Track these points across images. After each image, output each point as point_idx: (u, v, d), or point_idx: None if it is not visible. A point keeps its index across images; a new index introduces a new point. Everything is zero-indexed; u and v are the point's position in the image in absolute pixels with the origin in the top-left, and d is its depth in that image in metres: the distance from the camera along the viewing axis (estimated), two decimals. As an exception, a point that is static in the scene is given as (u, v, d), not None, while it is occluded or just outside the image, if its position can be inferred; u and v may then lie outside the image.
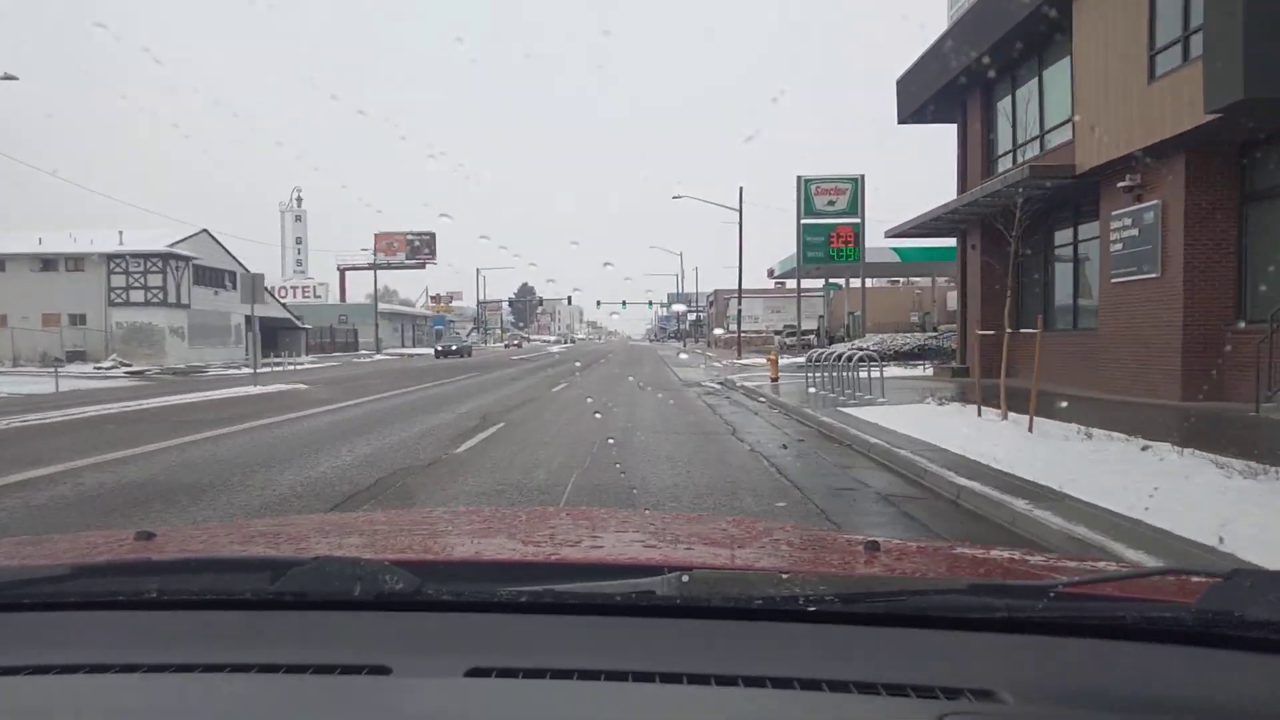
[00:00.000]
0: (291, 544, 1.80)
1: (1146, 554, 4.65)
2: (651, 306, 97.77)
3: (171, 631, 1.18)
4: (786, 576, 1.25)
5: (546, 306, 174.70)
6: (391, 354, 62.04)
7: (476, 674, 1.03)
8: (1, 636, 1.20)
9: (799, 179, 39.26)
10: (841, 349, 18.29)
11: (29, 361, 37.93)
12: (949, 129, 22.18)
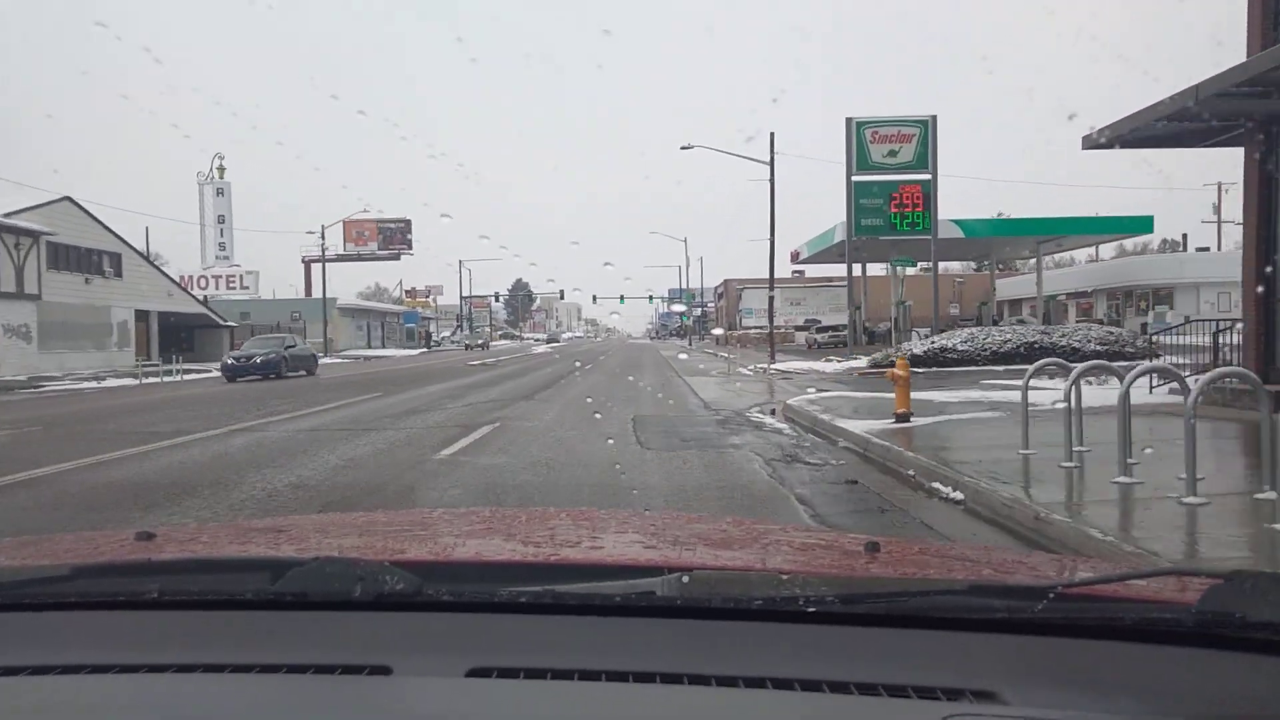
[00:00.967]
0: (292, 544, 1.77)
1: None
2: (652, 301, 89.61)
3: (172, 632, 1.17)
4: (787, 577, 1.24)
5: (542, 304, 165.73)
6: (348, 357, 52.53)
7: (477, 674, 1.03)
8: (1, 637, 1.19)
9: (849, 121, 29.50)
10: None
11: None
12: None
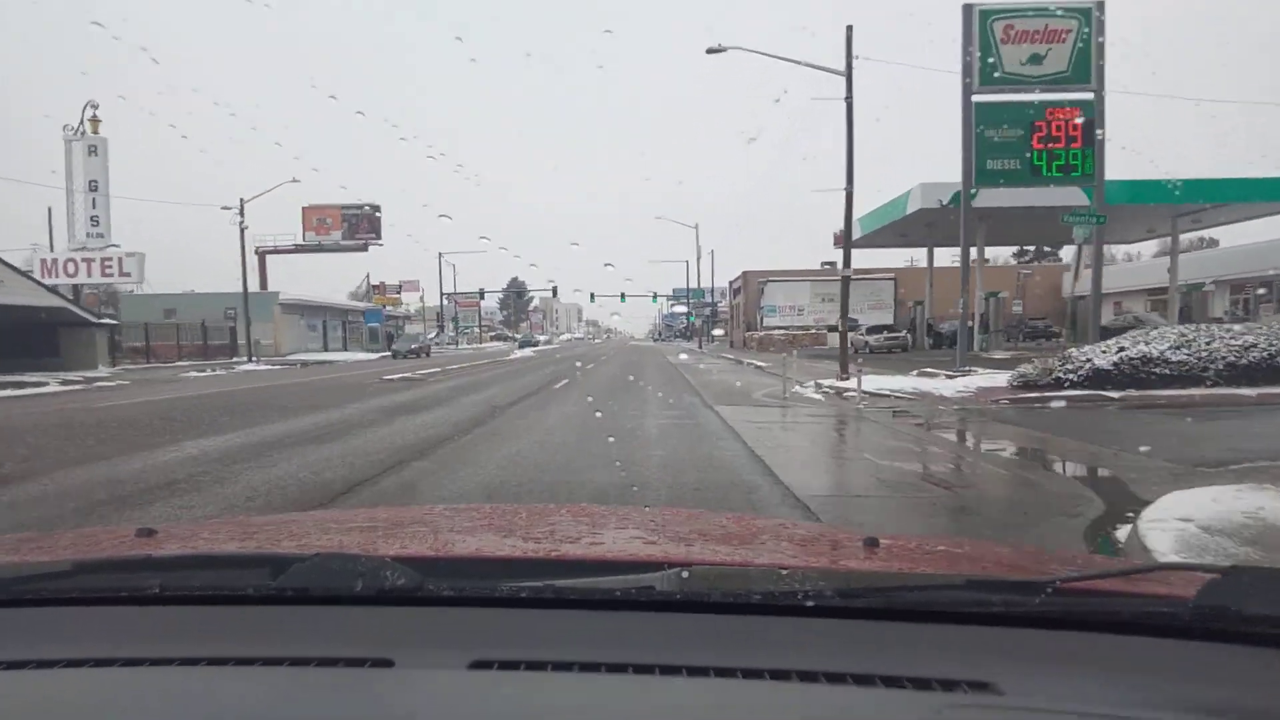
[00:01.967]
0: (293, 540, 1.76)
1: None
2: (656, 300, 79.30)
3: (175, 627, 1.17)
4: (785, 572, 1.24)
5: (540, 304, 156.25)
6: (280, 362, 42.42)
7: (479, 666, 1.03)
8: (5, 632, 1.19)
9: (966, 8, 19.19)
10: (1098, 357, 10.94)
11: None
12: None
